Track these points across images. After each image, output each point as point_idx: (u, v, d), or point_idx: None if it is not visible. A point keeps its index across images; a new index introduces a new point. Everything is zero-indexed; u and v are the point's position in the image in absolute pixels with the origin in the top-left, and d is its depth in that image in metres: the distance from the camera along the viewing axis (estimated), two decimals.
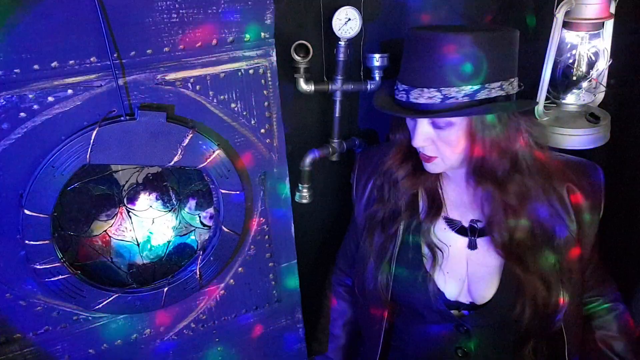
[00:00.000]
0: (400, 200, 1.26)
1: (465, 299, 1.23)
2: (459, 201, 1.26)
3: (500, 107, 1.09)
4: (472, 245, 1.23)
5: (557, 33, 1.22)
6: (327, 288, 1.54)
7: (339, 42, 1.36)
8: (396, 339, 1.36)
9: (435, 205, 1.25)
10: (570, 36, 1.29)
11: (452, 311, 1.24)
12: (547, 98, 1.35)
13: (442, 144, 1.12)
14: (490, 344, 1.25)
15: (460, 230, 1.25)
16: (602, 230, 1.27)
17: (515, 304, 1.17)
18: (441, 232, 1.25)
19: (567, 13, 1.23)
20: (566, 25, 1.26)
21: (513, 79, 1.10)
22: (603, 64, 1.29)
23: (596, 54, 1.28)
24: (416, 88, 1.08)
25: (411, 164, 1.23)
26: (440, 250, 1.23)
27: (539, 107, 1.30)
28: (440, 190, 1.27)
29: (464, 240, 1.24)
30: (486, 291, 1.21)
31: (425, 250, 1.25)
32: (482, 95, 1.07)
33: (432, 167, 1.17)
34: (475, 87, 1.06)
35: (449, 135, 1.11)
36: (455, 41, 1.04)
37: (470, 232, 1.24)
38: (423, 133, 1.12)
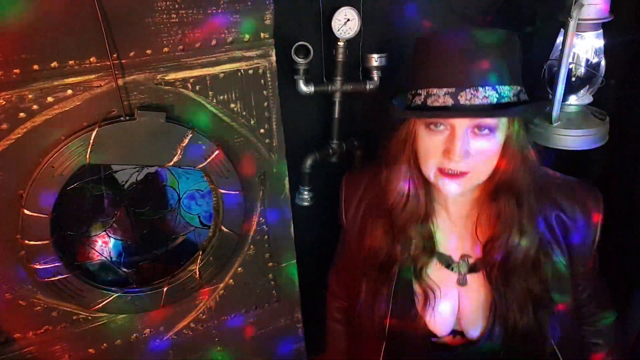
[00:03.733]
0: (398, 242, 1.19)
1: (455, 334, 1.20)
2: (449, 234, 1.21)
3: (541, 108, 1.05)
4: (462, 282, 1.19)
5: (571, 35, 1.20)
6: (327, 314, 1.49)
7: (338, 43, 1.37)
8: None
9: (429, 245, 1.19)
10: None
11: (442, 348, 1.20)
12: (543, 99, 1.35)
13: (479, 156, 1.03)
14: None
15: (450, 265, 1.20)
16: (601, 231, 1.26)
17: (506, 337, 1.13)
18: (433, 268, 1.20)
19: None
20: (564, 26, 1.25)
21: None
22: (603, 62, 1.29)
23: (596, 54, 1.28)
24: (468, 88, 0.99)
25: (405, 202, 1.15)
26: (433, 292, 1.17)
27: (555, 111, 1.29)
28: (432, 228, 1.20)
29: (454, 276, 1.19)
30: (477, 326, 1.17)
31: (417, 289, 1.20)
32: (523, 96, 1.03)
33: (456, 187, 1.06)
34: (519, 88, 1.03)
35: (488, 144, 1.02)
36: (503, 37, 1.01)
37: (460, 269, 1.19)
38: (465, 144, 1.01)
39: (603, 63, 1.29)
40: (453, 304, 1.20)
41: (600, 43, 1.28)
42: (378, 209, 1.22)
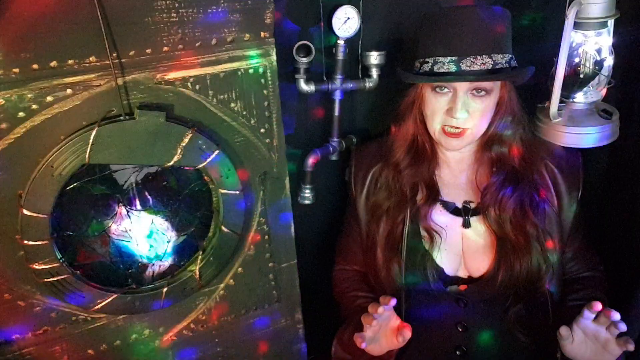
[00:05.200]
0: (405, 189, 1.33)
1: (463, 274, 1.33)
2: (453, 184, 1.37)
3: (526, 72, 1.20)
4: (466, 224, 1.33)
5: (568, 34, 1.21)
6: (335, 292, 1.54)
7: (338, 41, 1.36)
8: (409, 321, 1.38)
9: (433, 192, 1.33)
10: (576, 35, 1.28)
11: (451, 287, 1.32)
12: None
13: (477, 114, 1.22)
14: (485, 313, 1.32)
15: (455, 210, 1.34)
16: (602, 230, 1.27)
17: (507, 274, 1.26)
18: (437, 214, 1.34)
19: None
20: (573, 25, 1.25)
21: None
22: (611, 60, 1.28)
23: (600, 52, 1.28)
24: (469, 56, 1.16)
25: (412, 154, 1.33)
26: (438, 234, 1.31)
27: (553, 108, 1.30)
28: (435, 178, 1.36)
29: (458, 220, 1.34)
30: (481, 265, 1.31)
31: (423, 232, 1.32)
32: (513, 63, 1.21)
33: (458, 142, 1.25)
34: (510, 55, 1.20)
35: (485, 104, 1.21)
36: (498, 12, 1.18)
37: (464, 212, 1.34)
38: (464, 103, 1.20)
39: (610, 62, 1.29)
40: (458, 244, 1.33)
41: (605, 41, 1.27)
42: (386, 169, 1.38)
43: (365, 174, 1.42)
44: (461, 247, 1.33)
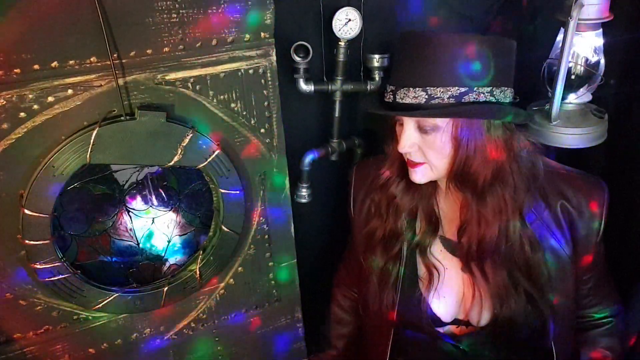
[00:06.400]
0: (400, 218, 1.22)
1: (462, 317, 1.22)
2: (454, 220, 1.22)
3: (488, 112, 1.05)
4: (466, 269, 1.20)
5: (571, 34, 1.21)
6: (332, 301, 1.52)
7: (339, 43, 1.36)
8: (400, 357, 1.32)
9: (433, 224, 1.22)
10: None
11: (448, 333, 1.22)
12: (542, 98, 1.35)
13: (428, 150, 1.09)
14: None
15: (454, 251, 1.21)
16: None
17: (510, 325, 1.15)
18: (437, 252, 1.23)
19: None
20: (565, 25, 1.25)
21: (506, 88, 1.08)
22: (603, 61, 1.29)
23: (596, 53, 1.28)
24: (403, 88, 1.06)
25: (407, 178, 1.19)
26: (437, 271, 1.20)
27: (554, 110, 1.29)
28: (436, 209, 1.23)
29: (458, 262, 1.21)
30: (482, 313, 1.19)
31: (421, 271, 1.22)
32: (469, 98, 1.04)
33: (419, 176, 1.13)
34: (462, 90, 1.03)
35: (435, 140, 1.08)
36: (442, 41, 1.03)
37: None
38: (409, 137, 1.09)
39: (602, 62, 1.29)
40: (457, 289, 1.21)
41: (599, 42, 1.28)
42: (379, 192, 1.25)
43: (365, 195, 1.32)
44: (462, 294, 1.21)
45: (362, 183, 1.34)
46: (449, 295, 1.21)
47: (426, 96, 1.04)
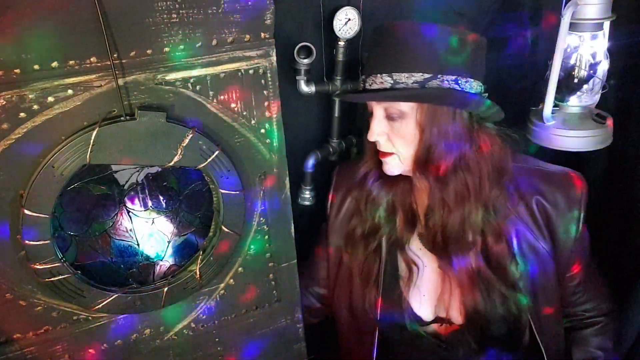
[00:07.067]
0: (377, 213, 1.23)
1: (443, 315, 1.22)
2: None
3: (448, 98, 1.06)
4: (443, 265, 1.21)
5: (563, 35, 1.21)
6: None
7: (339, 43, 1.37)
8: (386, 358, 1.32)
9: (411, 220, 1.24)
10: (571, 37, 1.29)
11: (432, 332, 1.22)
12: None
13: (395, 138, 1.12)
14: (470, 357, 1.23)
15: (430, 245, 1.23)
16: (602, 231, 1.26)
17: (485, 320, 1.16)
18: (417, 249, 1.23)
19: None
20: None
21: (472, 80, 1.09)
22: (606, 64, 1.29)
23: (595, 55, 1.28)
24: (371, 75, 1.10)
25: (383, 173, 1.21)
26: (416, 266, 1.20)
27: (547, 111, 1.30)
28: (414, 205, 1.24)
29: (436, 259, 1.22)
30: (459, 310, 1.20)
31: (401, 267, 1.23)
32: (432, 84, 1.06)
33: (389, 166, 1.16)
34: (427, 75, 1.05)
35: (402, 127, 1.11)
36: (407, 28, 1.07)
37: None
38: (378, 126, 1.12)
39: (606, 65, 1.29)
40: (435, 286, 1.22)
41: (601, 44, 1.27)
42: (360, 189, 1.27)
43: (345, 195, 1.34)
44: (439, 289, 1.22)
45: (341, 184, 1.37)
46: (428, 293, 1.22)
47: (391, 81, 1.07)
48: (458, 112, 1.09)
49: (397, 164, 1.16)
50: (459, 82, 1.07)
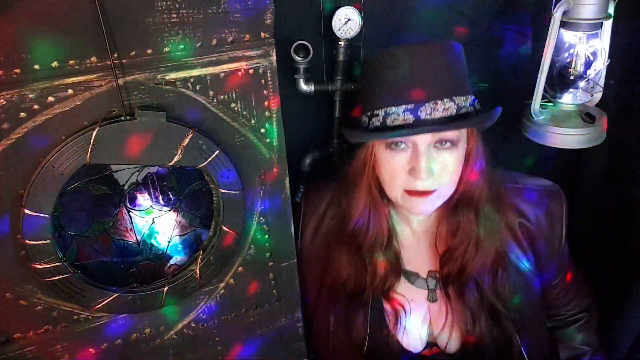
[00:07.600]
0: (367, 269, 1.17)
1: (430, 346, 1.20)
2: (416, 250, 1.20)
3: (493, 114, 1.00)
4: (431, 298, 1.19)
5: (554, 33, 1.23)
6: None
7: (339, 42, 1.37)
8: None
9: (396, 265, 1.18)
10: (569, 36, 1.29)
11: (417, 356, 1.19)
12: (543, 97, 1.36)
13: (442, 171, 1.01)
14: None
15: (419, 282, 1.20)
16: (602, 231, 1.26)
17: (478, 347, 1.13)
18: (401, 286, 1.20)
19: (565, 13, 1.23)
20: (565, 25, 1.26)
21: None
22: (601, 64, 1.29)
23: (594, 54, 1.29)
24: (428, 102, 0.95)
25: (368, 225, 1.14)
26: (403, 307, 1.16)
27: (535, 106, 1.31)
28: (396, 245, 1.18)
29: (423, 293, 1.19)
30: (451, 339, 1.17)
31: (387, 308, 1.19)
32: (477, 105, 1.01)
33: (428, 206, 1.05)
34: (473, 96, 1.01)
35: (451, 158, 1.01)
36: (454, 48, 0.99)
37: (429, 285, 1.19)
38: (431, 162, 0.98)
39: (601, 65, 1.29)
40: (424, 320, 1.18)
41: (599, 44, 1.28)
42: (340, 234, 1.19)
43: (317, 226, 1.27)
44: (428, 323, 1.18)
45: (313, 211, 1.28)
46: (416, 326, 1.18)
47: (455, 107, 0.97)
48: (480, 133, 1.05)
49: (436, 201, 1.05)
50: (477, 100, 1.03)
